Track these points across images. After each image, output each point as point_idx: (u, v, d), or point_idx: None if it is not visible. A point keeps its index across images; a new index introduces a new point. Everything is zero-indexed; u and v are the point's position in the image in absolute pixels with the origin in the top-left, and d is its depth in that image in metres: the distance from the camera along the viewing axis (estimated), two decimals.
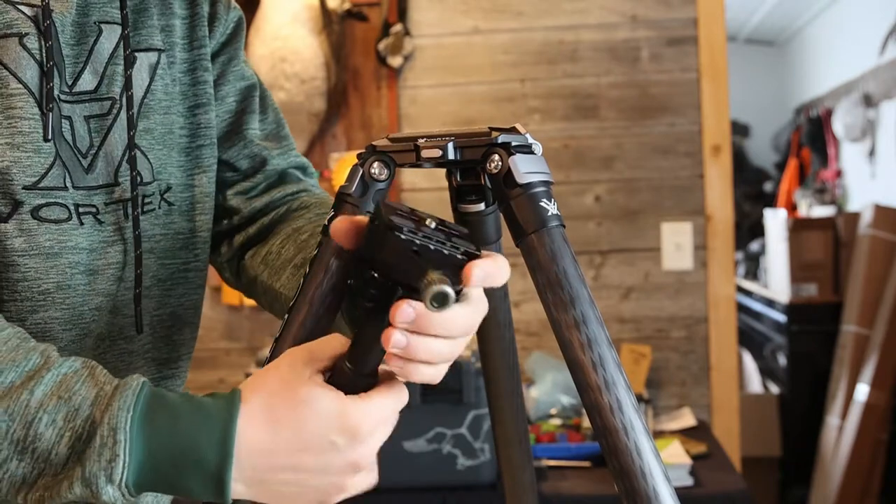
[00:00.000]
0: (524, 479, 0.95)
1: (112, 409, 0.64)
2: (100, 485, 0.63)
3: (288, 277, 0.87)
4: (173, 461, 0.64)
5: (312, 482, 0.67)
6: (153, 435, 0.64)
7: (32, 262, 0.78)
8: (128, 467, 0.64)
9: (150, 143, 0.86)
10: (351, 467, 0.67)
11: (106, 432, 0.64)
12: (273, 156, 0.97)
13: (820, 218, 4.09)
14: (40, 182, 0.78)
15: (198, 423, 0.65)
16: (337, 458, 0.66)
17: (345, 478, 0.67)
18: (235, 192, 0.96)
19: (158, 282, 0.88)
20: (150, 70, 0.86)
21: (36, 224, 0.78)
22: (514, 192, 0.68)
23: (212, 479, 0.64)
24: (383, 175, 0.72)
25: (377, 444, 0.68)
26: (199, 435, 0.64)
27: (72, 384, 0.66)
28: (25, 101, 0.77)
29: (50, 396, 0.65)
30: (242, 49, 0.98)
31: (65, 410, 0.65)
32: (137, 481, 0.64)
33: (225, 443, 0.64)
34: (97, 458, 0.64)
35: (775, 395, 3.80)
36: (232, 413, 0.65)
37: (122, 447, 0.63)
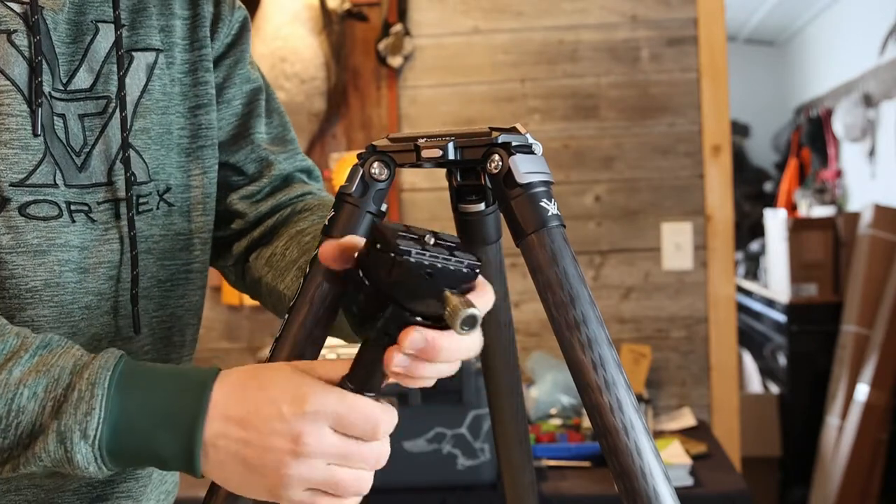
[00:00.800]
0: (524, 479, 0.95)
1: (91, 368, 0.66)
2: (73, 440, 0.64)
3: (292, 279, 0.87)
4: (147, 418, 0.65)
5: (253, 450, 0.64)
6: (130, 393, 0.66)
7: (20, 259, 0.78)
8: (103, 423, 0.64)
9: (146, 143, 0.85)
10: (290, 443, 0.63)
11: (84, 387, 0.65)
12: (280, 160, 0.97)
13: (820, 218, 4.09)
14: (28, 179, 0.78)
15: (174, 385, 0.66)
16: (278, 425, 0.63)
17: (283, 457, 0.63)
18: (241, 195, 0.95)
19: (158, 283, 0.88)
20: (148, 70, 0.86)
21: (24, 221, 0.78)
22: (515, 192, 0.68)
23: (182, 438, 0.65)
24: (383, 175, 0.72)
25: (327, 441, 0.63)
26: (174, 396, 0.65)
27: (50, 360, 0.67)
28: (13, 98, 0.77)
29: (29, 373, 0.66)
30: (249, 51, 0.97)
31: (45, 382, 0.66)
32: (112, 442, 0.65)
33: (199, 400, 0.65)
34: (73, 412, 0.64)
35: (775, 395, 3.80)
36: (209, 376, 0.66)
37: (99, 401, 0.64)
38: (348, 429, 0.64)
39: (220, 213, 0.95)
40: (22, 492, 0.82)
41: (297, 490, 0.65)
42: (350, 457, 0.64)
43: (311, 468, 0.64)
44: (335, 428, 0.64)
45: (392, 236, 0.61)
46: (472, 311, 0.58)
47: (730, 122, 2.46)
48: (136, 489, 0.90)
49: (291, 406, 0.63)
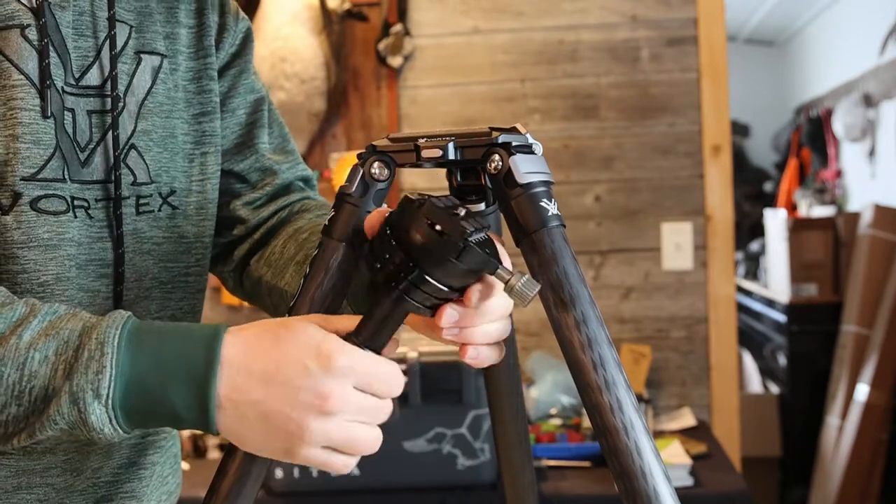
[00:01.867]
0: (524, 479, 0.95)
1: (100, 328, 0.66)
2: (87, 400, 0.64)
3: (291, 275, 0.88)
4: (159, 374, 0.65)
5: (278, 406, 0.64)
6: (140, 350, 0.66)
7: (32, 254, 0.78)
8: (114, 381, 0.64)
9: (148, 145, 0.86)
10: (317, 399, 0.64)
11: (93, 346, 0.65)
12: (283, 169, 0.99)
13: (820, 218, 4.09)
14: (39, 173, 0.78)
15: (184, 339, 0.66)
16: (306, 382, 0.64)
17: (308, 414, 0.64)
18: (244, 202, 0.97)
19: (159, 284, 0.88)
20: (153, 73, 0.87)
21: (35, 216, 0.78)
22: (515, 192, 0.68)
23: (195, 389, 0.65)
24: (384, 175, 0.73)
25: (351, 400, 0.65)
26: (185, 348, 0.66)
27: (59, 323, 0.67)
28: (27, 93, 0.77)
29: (38, 336, 0.66)
30: (252, 62, 0.99)
31: (55, 345, 0.66)
32: (125, 400, 0.65)
33: (210, 353, 0.65)
34: (84, 371, 0.64)
35: (775, 395, 3.80)
36: (218, 330, 0.67)
37: (109, 359, 0.64)
38: (369, 387, 0.66)
39: (222, 219, 0.96)
40: (34, 490, 0.82)
41: (316, 447, 0.66)
42: (367, 412, 0.66)
43: (334, 425, 0.65)
44: (357, 386, 0.65)
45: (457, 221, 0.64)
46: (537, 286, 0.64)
47: (730, 122, 2.47)
48: (139, 489, 0.91)
49: (318, 363, 0.64)
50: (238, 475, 0.71)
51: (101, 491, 0.87)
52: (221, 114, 0.94)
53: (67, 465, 0.84)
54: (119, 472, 0.89)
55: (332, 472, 0.69)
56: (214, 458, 2.21)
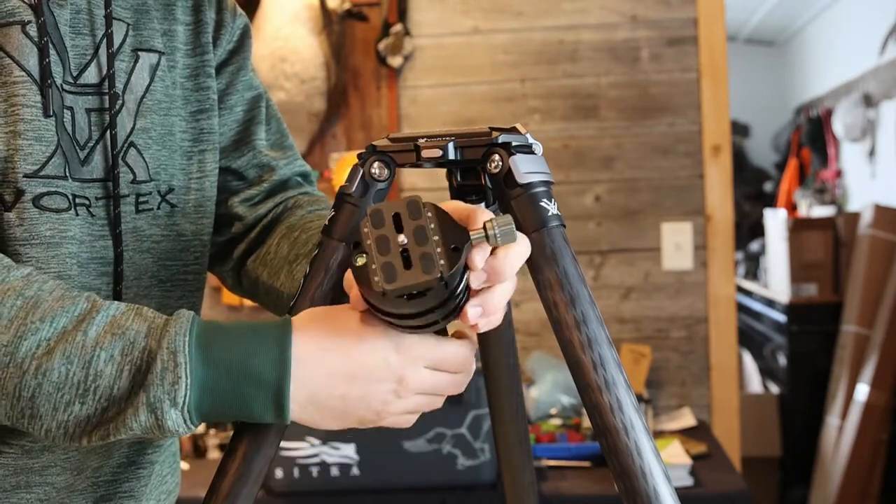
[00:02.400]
0: (524, 479, 0.95)
1: (169, 335, 0.67)
2: (164, 409, 0.65)
3: (286, 275, 0.88)
4: (232, 380, 0.66)
5: (360, 394, 0.69)
6: (211, 356, 0.67)
7: (34, 251, 0.78)
8: (190, 389, 0.66)
9: (147, 142, 0.86)
10: (395, 384, 0.69)
11: (166, 356, 0.66)
12: (280, 165, 0.99)
13: (820, 218, 4.09)
14: (41, 170, 0.78)
15: (254, 341, 0.68)
16: (387, 372, 0.68)
17: (387, 396, 0.69)
18: (241, 199, 0.97)
19: (159, 282, 0.88)
20: (151, 70, 0.87)
21: (37, 213, 0.78)
22: (515, 191, 0.68)
23: (271, 393, 0.67)
24: (383, 175, 0.73)
25: (426, 380, 0.70)
26: (256, 352, 0.67)
27: (122, 321, 0.68)
28: (28, 89, 0.77)
29: (104, 334, 0.66)
30: (250, 58, 0.99)
31: (121, 345, 0.66)
32: (199, 404, 0.66)
33: (283, 356, 0.67)
34: (160, 382, 0.65)
35: (775, 395, 3.80)
36: (285, 330, 0.68)
37: (184, 369, 0.66)
38: (441, 367, 0.71)
39: (219, 217, 0.96)
40: (33, 489, 0.82)
41: (395, 417, 0.72)
42: (440, 388, 0.72)
43: (409, 402, 0.71)
44: (431, 367, 0.70)
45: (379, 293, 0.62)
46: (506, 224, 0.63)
47: (730, 122, 2.46)
48: (137, 488, 0.91)
49: (398, 355, 0.69)
50: (238, 475, 0.71)
51: (101, 490, 0.87)
52: (219, 111, 0.94)
53: (67, 464, 0.84)
54: (118, 471, 0.89)
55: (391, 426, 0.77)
56: (214, 458, 2.21)
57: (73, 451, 0.84)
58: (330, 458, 1.88)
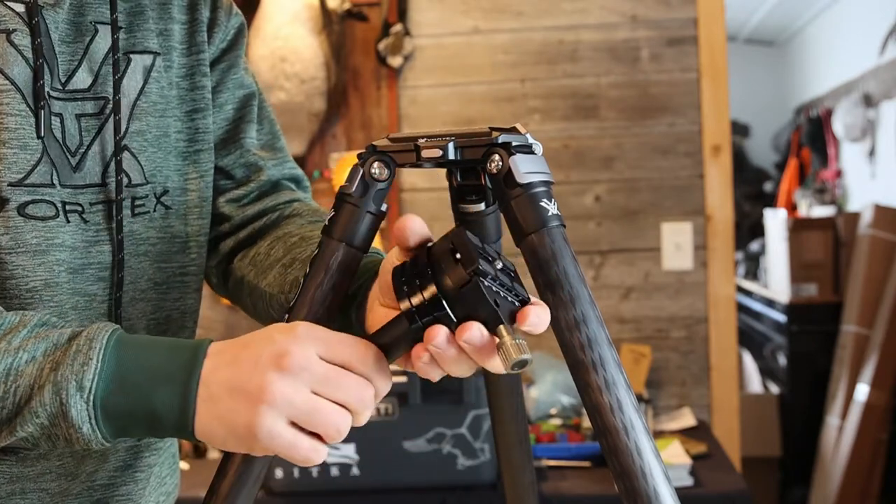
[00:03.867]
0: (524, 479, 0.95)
1: (91, 329, 0.67)
2: (69, 391, 0.64)
3: (274, 276, 0.87)
4: (142, 374, 0.66)
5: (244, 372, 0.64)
6: (127, 351, 0.67)
7: (20, 259, 0.78)
8: (98, 374, 0.65)
9: (143, 145, 0.86)
10: (277, 356, 0.64)
11: (82, 342, 0.66)
12: (269, 166, 0.98)
13: (820, 218, 4.09)
14: (26, 179, 0.78)
15: (169, 346, 0.68)
16: (269, 346, 0.65)
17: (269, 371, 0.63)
18: (228, 199, 0.96)
19: (155, 285, 0.88)
20: (145, 72, 0.86)
21: (22, 221, 0.78)
22: (515, 191, 0.68)
23: (178, 387, 0.65)
24: (384, 175, 0.72)
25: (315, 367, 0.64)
26: (170, 355, 0.67)
27: (48, 332, 0.68)
28: (12, 98, 0.77)
29: (27, 339, 0.67)
30: (243, 56, 0.98)
31: (43, 346, 0.67)
32: (106, 397, 0.65)
33: (193, 358, 0.66)
34: (70, 363, 0.65)
35: (775, 395, 3.80)
36: (204, 342, 0.68)
37: (96, 353, 0.65)
38: (334, 356, 0.65)
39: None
40: (28, 495, 0.82)
41: (280, 419, 0.64)
42: (332, 382, 0.64)
43: (295, 387, 0.63)
44: (322, 356, 0.65)
45: (475, 252, 0.64)
46: (525, 357, 0.63)
47: (730, 122, 2.47)
48: (135, 492, 0.90)
49: (282, 333, 0.66)
50: (238, 475, 0.71)
51: (97, 494, 0.87)
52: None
53: (62, 470, 0.83)
54: (115, 475, 0.88)
55: (299, 462, 0.67)
56: (214, 458, 2.21)
57: (68, 458, 0.83)
58: (330, 458, 1.88)
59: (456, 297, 0.64)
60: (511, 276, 0.67)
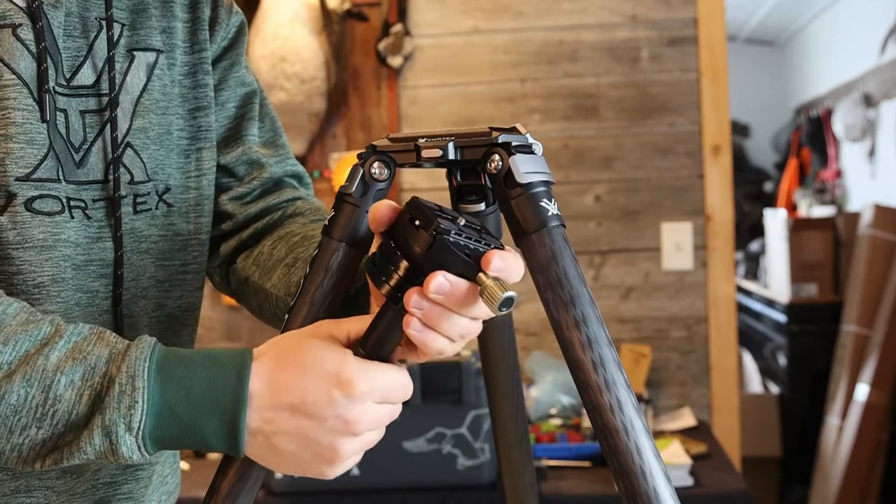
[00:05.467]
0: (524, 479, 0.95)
1: (129, 359, 0.66)
2: (119, 433, 0.65)
3: (279, 277, 0.87)
4: (189, 406, 0.66)
5: (309, 435, 0.67)
6: (169, 382, 0.66)
7: (27, 254, 0.78)
8: (146, 414, 0.65)
9: (145, 143, 0.86)
10: (344, 425, 0.67)
11: (125, 380, 0.66)
12: (271, 163, 0.98)
13: (820, 218, 4.09)
14: (33, 173, 0.78)
15: (213, 370, 0.67)
16: (332, 411, 0.66)
17: (338, 439, 0.67)
18: (230, 197, 0.96)
19: (157, 283, 0.88)
20: (148, 70, 0.86)
21: (30, 216, 0.78)
22: (515, 191, 0.68)
23: (226, 422, 0.66)
24: (384, 175, 0.72)
25: (373, 415, 0.68)
26: (214, 380, 0.67)
27: (85, 346, 0.67)
28: (19, 92, 0.77)
29: (65, 360, 0.66)
30: (244, 55, 0.98)
31: (81, 370, 0.66)
32: (155, 431, 0.66)
33: (239, 386, 0.66)
34: (116, 406, 0.65)
35: (775, 395, 3.80)
36: (245, 360, 0.68)
37: (141, 394, 0.65)
38: (388, 399, 0.69)
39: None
40: (33, 493, 0.82)
41: (347, 463, 0.69)
42: (385, 420, 0.70)
43: (362, 441, 0.69)
44: (376, 401, 0.68)
45: (432, 214, 0.64)
46: (508, 295, 0.63)
47: (730, 122, 2.47)
48: (137, 490, 0.90)
49: (340, 390, 0.66)
50: (238, 475, 0.71)
51: (100, 493, 0.87)
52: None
53: (67, 468, 0.83)
54: (117, 473, 0.88)
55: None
56: (214, 458, 2.21)
57: None
58: None
59: (427, 260, 0.64)
60: (477, 228, 0.67)
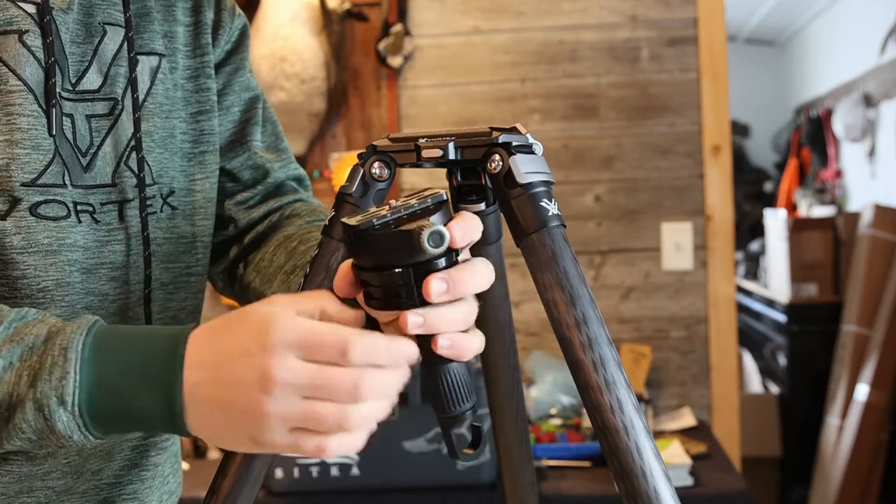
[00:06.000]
0: (524, 479, 0.95)
1: (64, 333, 0.65)
2: (51, 407, 0.63)
3: (279, 284, 0.88)
4: (123, 377, 0.63)
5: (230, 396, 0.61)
6: (104, 355, 0.64)
7: (31, 259, 0.78)
8: (79, 386, 0.63)
9: (150, 146, 0.86)
10: (259, 377, 0.60)
11: (56, 352, 0.64)
12: (275, 168, 0.99)
13: (820, 218, 4.09)
14: (39, 179, 0.78)
15: (148, 341, 0.65)
16: (247, 362, 0.61)
17: (256, 396, 0.60)
18: (235, 202, 0.97)
19: (161, 285, 0.88)
20: (152, 73, 0.87)
21: (34, 221, 0.78)
22: (515, 191, 0.68)
23: (162, 390, 0.63)
24: (384, 175, 0.72)
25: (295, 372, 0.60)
26: (149, 349, 0.64)
27: (24, 329, 0.66)
28: (24, 98, 0.77)
29: (4, 343, 0.65)
30: (248, 59, 0.99)
31: (19, 351, 0.65)
32: (91, 405, 0.63)
33: (173, 353, 0.63)
34: (48, 378, 0.63)
35: (775, 395, 3.80)
36: (184, 330, 0.65)
37: (73, 364, 0.63)
38: (316, 354, 0.60)
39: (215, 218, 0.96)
40: (34, 493, 0.82)
41: (279, 431, 0.61)
42: (323, 386, 0.60)
43: (286, 402, 0.60)
44: (303, 357, 0.61)
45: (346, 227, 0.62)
46: (434, 228, 0.60)
47: (730, 122, 2.47)
48: (141, 490, 0.91)
49: (255, 341, 0.61)
50: (238, 475, 0.71)
51: (104, 493, 0.87)
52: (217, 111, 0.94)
53: (67, 468, 0.84)
54: (121, 473, 0.89)
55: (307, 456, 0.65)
56: (214, 458, 2.21)
57: (74, 456, 0.84)
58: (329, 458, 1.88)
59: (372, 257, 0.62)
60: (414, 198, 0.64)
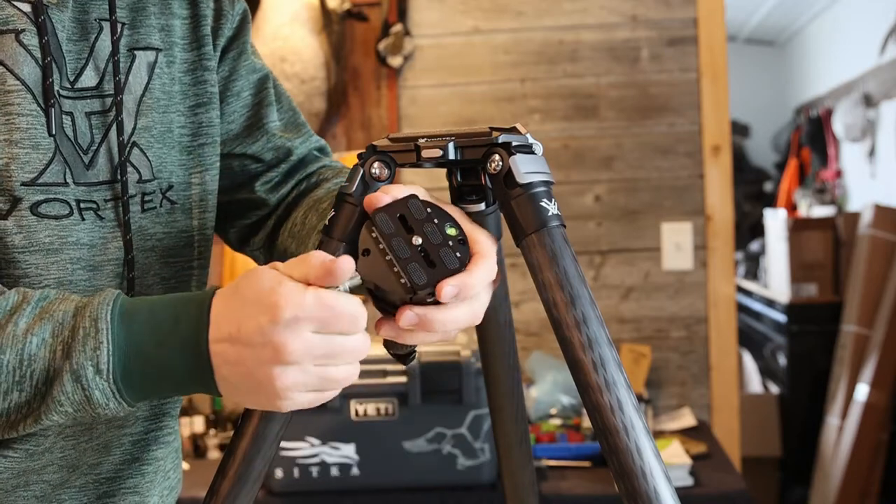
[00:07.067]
0: (524, 479, 0.95)
1: (92, 306, 0.68)
2: (88, 377, 0.65)
3: (314, 244, 0.88)
4: (154, 341, 0.66)
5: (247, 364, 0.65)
6: (133, 322, 0.67)
7: (33, 258, 0.78)
8: (112, 355, 0.66)
9: (149, 141, 0.86)
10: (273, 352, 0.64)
11: (88, 324, 0.66)
12: (296, 145, 1.00)
13: (820, 218, 4.09)
14: (39, 178, 0.78)
15: (177, 305, 0.68)
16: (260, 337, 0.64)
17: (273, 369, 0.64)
18: (262, 182, 0.98)
19: (162, 280, 0.88)
20: (149, 69, 0.87)
21: (35, 220, 0.78)
22: (515, 191, 0.68)
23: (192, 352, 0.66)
24: (384, 175, 0.73)
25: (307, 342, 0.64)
26: (177, 313, 0.67)
27: (51, 307, 0.68)
28: (23, 98, 0.77)
29: (34, 322, 0.67)
30: (249, 41, 0.99)
31: (50, 327, 0.67)
32: (126, 374, 0.66)
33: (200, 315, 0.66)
34: (82, 349, 0.66)
35: (775, 395, 3.80)
36: (209, 293, 0.68)
37: (105, 334, 0.66)
38: (329, 327, 0.65)
39: (243, 202, 0.98)
40: (30, 487, 0.83)
41: (295, 396, 0.66)
42: (335, 354, 0.66)
43: (302, 373, 0.65)
44: (316, 329, 0.65)
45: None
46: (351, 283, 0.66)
47: (730, 122, 2.46)
48: (141, 484, 0.91)
49: (267, 317, 0.64)
50: (238, 475, 0.71)
51: (103, 487, 0.88)
52: (227, 98, 0.95)
53: (63, 462, 0.84)
54: (121, 467, 0.89)
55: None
56: (214, 458, 2.21)
57: (70, 450, 0.84)
58: (330, 458, 1.88)
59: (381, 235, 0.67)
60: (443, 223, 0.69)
